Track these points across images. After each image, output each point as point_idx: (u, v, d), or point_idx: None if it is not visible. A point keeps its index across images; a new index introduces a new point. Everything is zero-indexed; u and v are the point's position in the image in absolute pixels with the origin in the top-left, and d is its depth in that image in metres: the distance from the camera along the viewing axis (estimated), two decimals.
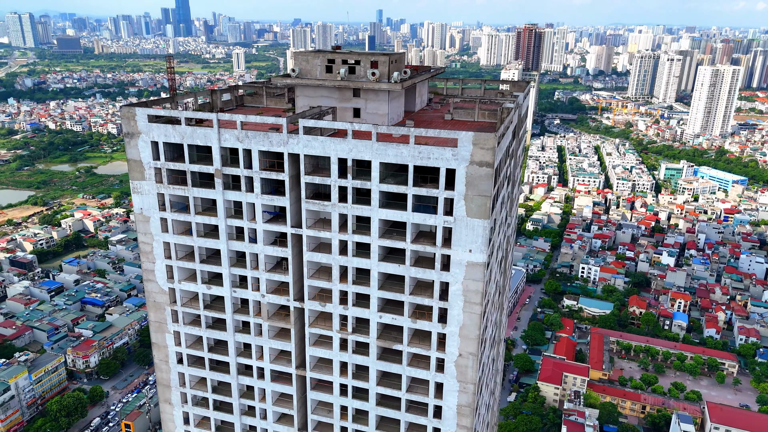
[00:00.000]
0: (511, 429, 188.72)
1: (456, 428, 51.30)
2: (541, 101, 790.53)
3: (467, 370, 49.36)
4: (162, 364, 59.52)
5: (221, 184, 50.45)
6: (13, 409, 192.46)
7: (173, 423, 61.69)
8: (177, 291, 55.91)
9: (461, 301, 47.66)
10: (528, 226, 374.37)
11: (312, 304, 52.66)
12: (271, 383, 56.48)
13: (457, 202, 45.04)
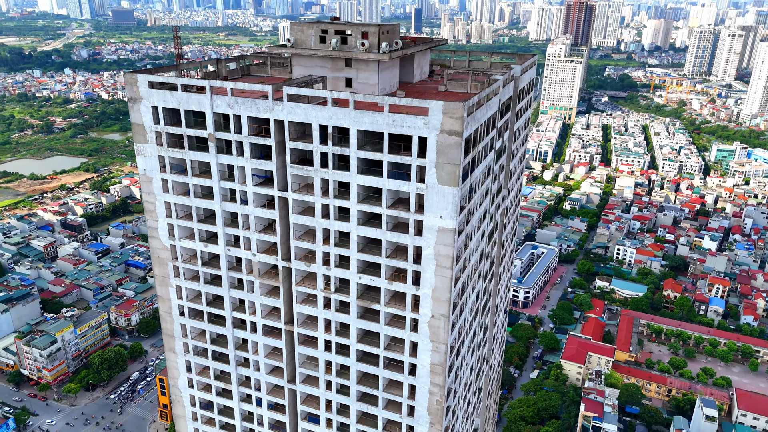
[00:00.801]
0: (530, 404, 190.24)
1: (429, 385, 53.92)
2: (590, 78, 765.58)
3: (439, 331, 51.67)
4: (166, 316, 64.36)
5: (215, 148, 53.79)
6: (59, 360, 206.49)
7: (177, 370, 66.74)
8: (178, 248, 60.12)
9: (433, 265, 49.77)
10: (565, 206, 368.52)
11: (298, 264, 55.85)
12: (262, 337, 60.38)
13: (428, 170, 46.86)
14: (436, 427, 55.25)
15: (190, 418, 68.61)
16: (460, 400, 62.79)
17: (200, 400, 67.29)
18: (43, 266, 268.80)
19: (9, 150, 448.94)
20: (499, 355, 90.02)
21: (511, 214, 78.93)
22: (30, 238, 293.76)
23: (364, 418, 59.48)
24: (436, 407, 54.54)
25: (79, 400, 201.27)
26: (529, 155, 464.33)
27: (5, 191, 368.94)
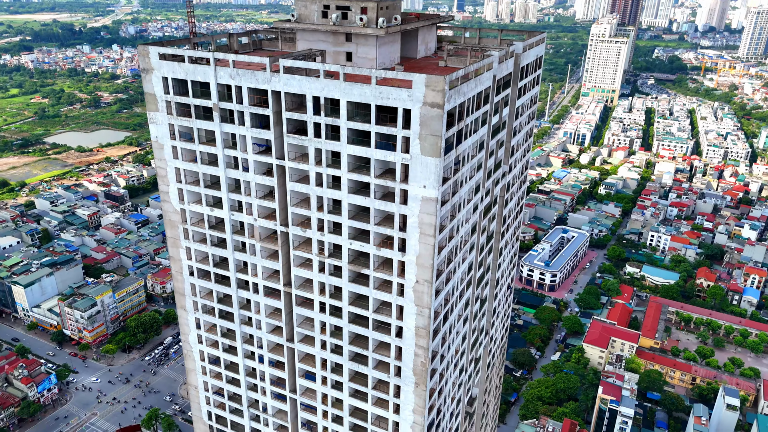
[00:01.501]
0: (549, 385, 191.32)
1: (415, 347, 56.75)
2: (637, 59, 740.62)
3: (423, 296, 54.25)
4: (177, 275, 68.99)
5: (219, 117, 57.22)
6: (99, 322, 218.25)
7: (188, 327, 71.59)
8: (187, 212, 64.29)
9: (417, 233, 52.17)
10: (600, 190, 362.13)
11: (295, 230, 59.16)
12: (264, 297, 64.25)
13: (412, 141, 49.02)
14: (420, 387, 58.18)
15: (200, 372, 73.63)
16: (450, 365, 65.41)
17: (209, 356, 72.10)
18: (87, 234, 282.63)
19: (59, 123, 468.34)
20: (502, 329, 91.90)
21: (515, 191, 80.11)
22: (75, 208, 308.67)
23: (356, 377, 62.88)
24: (420, 368, 57.41)
25: (116, 360, 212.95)
26: (566, 138, 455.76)
27: (54, 162, 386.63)
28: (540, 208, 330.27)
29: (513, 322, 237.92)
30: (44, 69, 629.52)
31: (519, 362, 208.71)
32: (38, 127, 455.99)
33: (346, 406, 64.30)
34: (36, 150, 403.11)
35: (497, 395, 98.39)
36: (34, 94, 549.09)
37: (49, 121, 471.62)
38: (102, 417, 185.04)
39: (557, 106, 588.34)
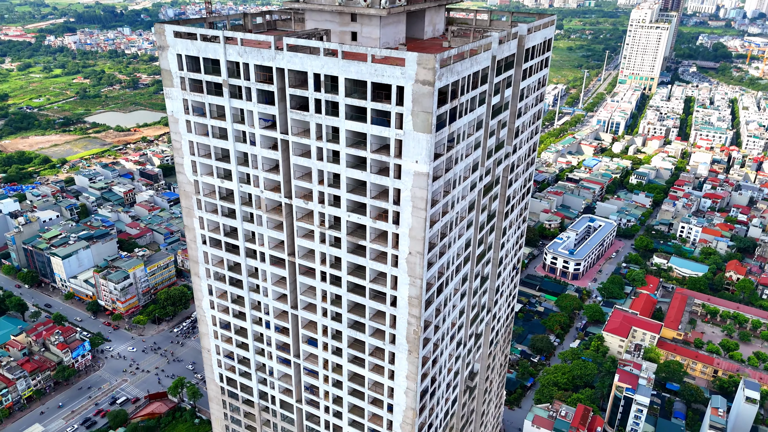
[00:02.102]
0: (566, 371, 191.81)
1: (408, 316, 59.45)
2: (679, 46, 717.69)
3: (415, 267, 56.74)
4: (192, 243, 73.14)
5: (228, 93, 60.44)
6: (131, 294, 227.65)
7: (201, 293, 75.88)
8: (200, 183, 68.05)
9: (410, 206, 54.55)
10: (632, 180, 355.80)
11: (298, 202, 62.25)
12: (270, 266, 67.77)
13: (405, 117, 51.23)
14: (413, 354, 60.91)
15: (212, 336, 78.01)
16: (445, 336, 67.88)
17: (220, 321, 76.31)
18: (122, 210, 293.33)
19: (99, 103, 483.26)
20: (507, 308, 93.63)
21: (521, 172, 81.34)
22: (112, 185, 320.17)
23: (354, 344, 66.02)
24: (413, 336, 60.09)
25: (146, 331, 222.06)
26: (599, 126, 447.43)
27: (94, 141, 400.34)
28: (568, 197, 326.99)
29: (533, 308, 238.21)
30: (86, 50, 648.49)
31: (537, 348, 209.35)
32: (79, 106, 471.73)
33: (345, 372, 67.60)
34: (77, 129, 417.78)
35: (502, 374, 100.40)
36: (76, 75, 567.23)
37: (90, 101, 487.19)
38: (132, 383, 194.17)
39: (593, 94, 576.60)
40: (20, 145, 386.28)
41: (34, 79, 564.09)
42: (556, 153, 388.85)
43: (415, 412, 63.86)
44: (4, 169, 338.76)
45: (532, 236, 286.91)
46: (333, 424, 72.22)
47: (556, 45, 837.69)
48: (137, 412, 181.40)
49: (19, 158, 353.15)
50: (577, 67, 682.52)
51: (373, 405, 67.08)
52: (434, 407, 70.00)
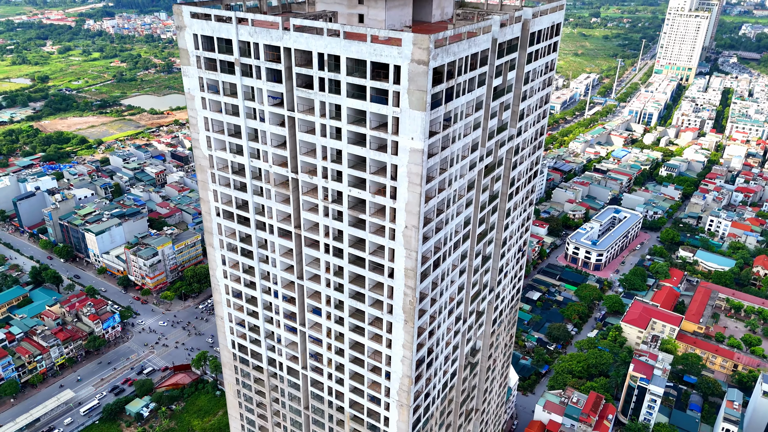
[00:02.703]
0: (581, 360, 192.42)
1: (404, 287, 62.34)
2: (721, 36, 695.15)
3: (411, 240, 59.46)
4: (206, 215, 77.29)
5: (240, 72, 63.81)
6: (159, 270, 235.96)
7: (215, 263, 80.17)
8: (214, 158, 71.90)
9: (406, 182, 57.17)
10: (661, 172, 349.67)
11: (304, 177, 65.48)
12: (278, 238, 71.39)
13: (402, 95, 53.74)
14: (409, 324, 63.82)
15: (225, 304, 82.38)
16: (443, 310, 70.54)
17: (232, 289, 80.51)
18: (153, 190, 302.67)
19: (134, 86, 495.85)
20: (513, 289, 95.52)
21: (527, 155, 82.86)
22: (145, 165, 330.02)
23: (355, 314, 69.30)
24: (409, 307, 62.96)
25: (173, 306, 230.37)
26: (630, 117, 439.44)
27: (129, 123, 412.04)
28: (594, 187, 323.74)
29: (552, 297, 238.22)
30: (124, 35, 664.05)
31: (554, 336, 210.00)
32: (116, 89, 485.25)
33: (347, 340, 71.00)
34: (113, 111, 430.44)
35: (506, 353, 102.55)
36: (113, 58, 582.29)
37: (126, 84, 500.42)
38: (158, 355, 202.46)
39: (627, 84, 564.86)
40: (59, 125, 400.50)
41: (73, 62, 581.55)
42: (585, 143, 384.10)
43: (411, 379, 66.92)
44: (44, 148, 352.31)
45: (555, 226, 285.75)
46: (335, 391, 75.91)
47: (591, 33, 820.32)
48: (162, 383, 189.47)
49: (58, 138, 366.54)
50: (612, 56, 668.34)
51: (373, 372, 70.40)
52: (431, 377, 72.94)
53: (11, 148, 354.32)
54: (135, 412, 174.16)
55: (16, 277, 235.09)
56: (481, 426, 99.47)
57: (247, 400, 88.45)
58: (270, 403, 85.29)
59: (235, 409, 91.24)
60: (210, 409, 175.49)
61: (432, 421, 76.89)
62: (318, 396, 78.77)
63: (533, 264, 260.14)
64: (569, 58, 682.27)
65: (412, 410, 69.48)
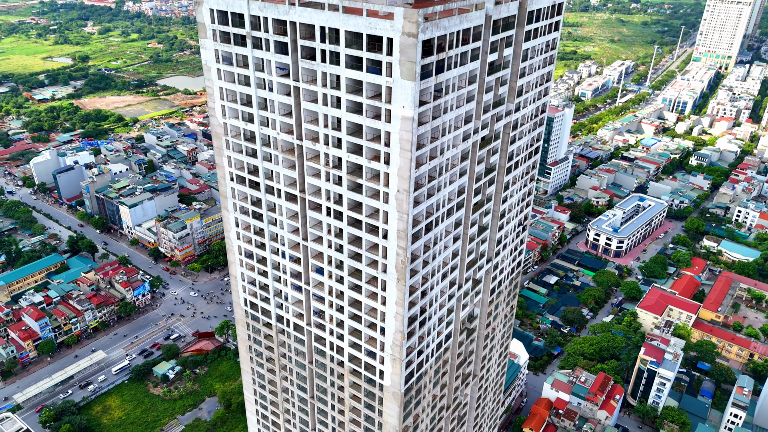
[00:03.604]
0: (594, 343, 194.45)
1: (396, 248, 67.10)
2: (765, 23, 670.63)
3: (403, 203, 64.04)
4: (222, 180, 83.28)
5: (251, 44, 68.96)
6: (187, 243, 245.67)
7: (229, 225, 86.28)
8: (228, 125, 77.54)
9: (398, 148, 61.62)
10: (692, 161, 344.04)
11: (307, 143, 70.55)
12: (285, 202, 76.83)
13: (394, 66, 58.05)
14: (401, 282, 68.65)
15: (238, 264, 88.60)
16: (436, 273, 75.03)
17: (244, 250, 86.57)
18: (185, 167, 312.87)
19: (170, 67, 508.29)
20: (512, 262, 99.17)
21: (526, 131, 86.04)
22: (177, 143, 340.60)
23: (354, 273, 74.42)
24: (401, 266, 67.71)
25: (199, 278, 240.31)
26: (663, 105, 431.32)
27: (164, 102, 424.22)
28: (620, 175, 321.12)
29: (570, 282, 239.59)
30: (161, 16, 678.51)
31: (568, 319, 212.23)
32: (152, 70, 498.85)
33: (346, 298, 76.26)
34: (149, 91, 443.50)
35: (507, 324, 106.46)
36: (151, 40, 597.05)
37: (162, 65, 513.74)
38: (184, 323, 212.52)
39: (663, 71, 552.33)
40: (98, 103, 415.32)
41: (112, 42, 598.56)
42: (613, 131, 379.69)
43: (404, 335, 71.88)
44: (83, 125, 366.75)
45: (578, 212, 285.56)
46: (336, 346, 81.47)
47: (629, 19, 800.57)
48: (187, 348, 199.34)
49: (96, 116, 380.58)
50: (650, 43, 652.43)
51: (369, 328, 75.61)
52: (425, 336, 77.74)
53: (52, 124, 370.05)
54: (161, 374, 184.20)
55: (54, 245, 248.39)
56: (479, 392, 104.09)
57: (258, 355, 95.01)
58: (278, 358, 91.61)
59: (246, 364, 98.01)
60: (231, 374, 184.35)
61: (426, 378, 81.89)
62: (321, 351, 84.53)
63: (553, 249, 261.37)
64: (605, 44, 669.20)
65: (405, 364, 74.53)
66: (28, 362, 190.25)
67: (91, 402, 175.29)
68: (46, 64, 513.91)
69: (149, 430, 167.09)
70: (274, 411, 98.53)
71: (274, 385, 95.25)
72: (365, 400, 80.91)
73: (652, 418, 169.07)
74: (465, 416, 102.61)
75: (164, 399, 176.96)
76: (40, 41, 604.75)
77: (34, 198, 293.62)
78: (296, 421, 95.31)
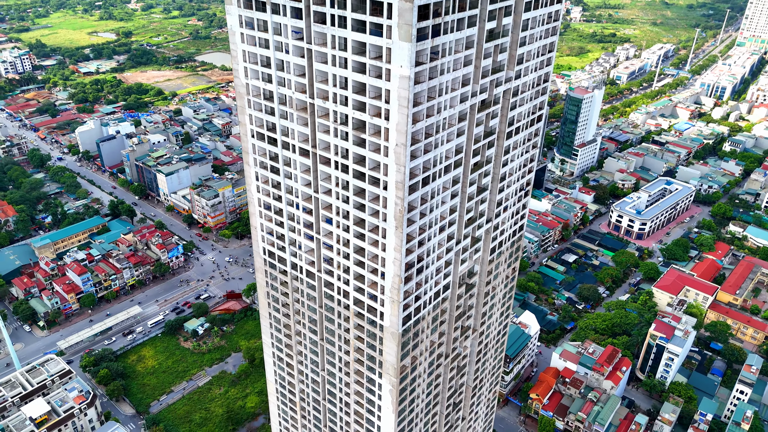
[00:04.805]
0: (606, 319, 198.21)
1: (395, 198, 74.02)
2: None
3: (400, 156, 70.75)
4: (244, 137, 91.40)
5: (270, 9, 76.14)
6: (219, 211, 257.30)
7: (250, 178, 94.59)
8: (249, 86, 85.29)
9: (397, 104, 68.19)
10: (725, 147, 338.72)
11: (318, 101, 77.71)
12: (299, 156, 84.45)
13: (393, 29, 64.43)
14: (399, 230, 75.63)
15: (257, 216, 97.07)
16: (433, 225, 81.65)
17: (263, 202, 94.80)
18: (219, 140, 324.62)
19: (208, 44, 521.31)
20: (514, 225, 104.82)
21: (527, 98, 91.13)
22: (213, 117, 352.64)
23: (358, 222, 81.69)
24: (399, 215, 74.61)
25: (230, 244, 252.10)
26: (701, 90, 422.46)
27: (201, 77, 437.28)
28: (649, 159, 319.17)
29: (589, 261, 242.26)
30: None
31: (584, 296, 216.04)
32: (191, 46, 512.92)
33: (352, 245, 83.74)
34: (187, 66, 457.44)
35: (508, 285, 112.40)
36: (191, 17, 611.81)
37: (201, 41, 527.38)
38: (214, 284, 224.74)
39: (705, 56, 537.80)
40: (139, 78, 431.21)
41: (154, 19, 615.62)
42: (646, 114, 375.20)
43: (401, 279, 79.05)
44: (125, 98, 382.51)
45: (602, 194, 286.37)
46: (343, 290, 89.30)
47: (674, 2, 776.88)
48: (216, 307, 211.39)
49: (138, 89, 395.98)
50: (694, 26, 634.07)
51: (372, 273, 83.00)
52: (422, 283, 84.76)
53: (96, 96, 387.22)
54: (191, 330, 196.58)
55: (96, 208, 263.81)
56: (479, 347, 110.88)
57: (275, 301, 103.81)
58: (292, 303, 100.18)
59: (264, 309, 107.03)
60: (255, 333, 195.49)
61: (423, 323, 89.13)
62: (330, 295, 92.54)
63: (574, 229, 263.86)
64: (646, 27, 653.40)
65: (402, 307, 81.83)
66: (71, 313, 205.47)
67: (127, 351, 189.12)
68: (92, 38, 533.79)
69: (179, 378, 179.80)
70: (288, 353, 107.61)
71: (289, 329, 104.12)
72: (368, 340, 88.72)
73: (659, 392, 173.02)
74: (465, 368, 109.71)
75: (193, 352, 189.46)
76: (86, 17, 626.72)
77: (79, 165, 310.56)
78: (307, 362, 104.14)
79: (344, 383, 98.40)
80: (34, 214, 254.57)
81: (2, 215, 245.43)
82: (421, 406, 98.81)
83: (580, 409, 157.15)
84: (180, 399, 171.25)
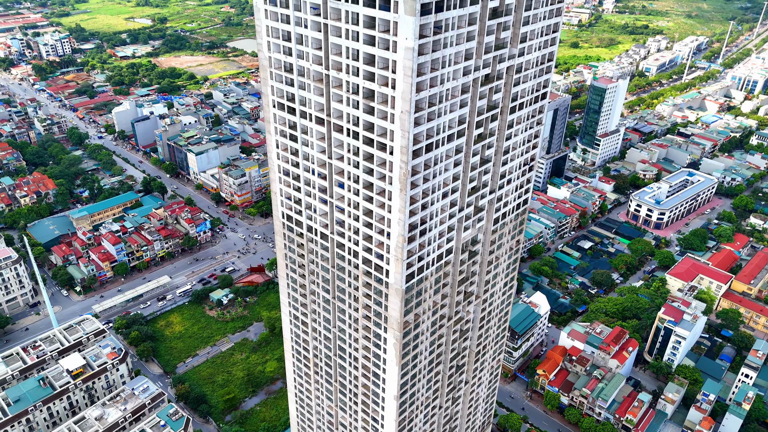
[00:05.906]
0: (618, 302, 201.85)
1: (399, 162, 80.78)
2: None
3: (405, 122, 77.35)
4: (266, 107, 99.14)
5: None
6: (246, 190, 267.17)
7: (272, 146, 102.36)
8: (272, 59, 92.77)
9: (402, 74, 74.76)
10: (752, 140, 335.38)
11: (333, 72, 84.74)
12: (315, 125, 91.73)
13: (399, 4, 70.93)
14: (402, 192, 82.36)
15: (278, 181, 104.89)
16: (436, 190, 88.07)
17: (282, 168, 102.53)
18: (247, 123, 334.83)
19: (240, 30, 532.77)
20: (517, 198, 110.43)
21: (531, 76, 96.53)
22: (242, 101, 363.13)
23: (367, 186, 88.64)
24: (402, 178, 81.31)
25: (255, 222, 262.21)
26: (732, 83, 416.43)
27: (232, 63, 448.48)
28: (673, 150, 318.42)
29: (604, 248, 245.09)
30: None
31: (597, 281, 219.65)
32: (223, 32, 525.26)
33: (361, 208, 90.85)
34: (219, 52, 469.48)
35: (512, 256, 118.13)
36: (224, 4, 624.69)
37: (233, 28, 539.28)
38: (239, 258, 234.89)
39: (739, 49, 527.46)
40: (173, 62, 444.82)
41: (188, 5, 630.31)
42: (673, 106, 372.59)
43: (404, 238, 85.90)
44: (159, 81, 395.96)
45: (622, 184, 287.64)
46: (353, 250, 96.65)
47: None
48: (240, 279, 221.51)
49: (171, 73, 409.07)
50: (731, 19, 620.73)
51: (379, 234, 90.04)
52: (425, 244, 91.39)
53: (132, 79, 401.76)
54: (216, 299, 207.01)
55: (130, 185, 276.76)
56: (482, 313, 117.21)
57: (292, 262, 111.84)
58: (307, 264, 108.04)
59: (282, 270, 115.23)
60: (276, 304, 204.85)
61: (426, 283, 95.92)
62: (341, 256, 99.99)
63: (592, 217, 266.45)
64: (680, 19, 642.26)
65: (406, 265, 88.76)
66: (105, 281, 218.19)
67: (156, 317, 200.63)
68: (128, 24, 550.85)
69: (204, 343, 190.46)
70: (303, 312, 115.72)
71: (304, 288, 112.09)
72: (375, 297, 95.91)
73: (666, 374, 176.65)
74: (468, 332, 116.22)
75: (218, 320, 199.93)
76: (123, 2, 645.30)
77: (114, 144, 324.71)
78: (320, 320, 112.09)
79: (353, 338, 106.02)
80: (72, 188, 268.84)
81: (43, 188, 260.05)
82: (424, 362, 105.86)
83: (585, 386, 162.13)
84: (204, 362, 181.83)
